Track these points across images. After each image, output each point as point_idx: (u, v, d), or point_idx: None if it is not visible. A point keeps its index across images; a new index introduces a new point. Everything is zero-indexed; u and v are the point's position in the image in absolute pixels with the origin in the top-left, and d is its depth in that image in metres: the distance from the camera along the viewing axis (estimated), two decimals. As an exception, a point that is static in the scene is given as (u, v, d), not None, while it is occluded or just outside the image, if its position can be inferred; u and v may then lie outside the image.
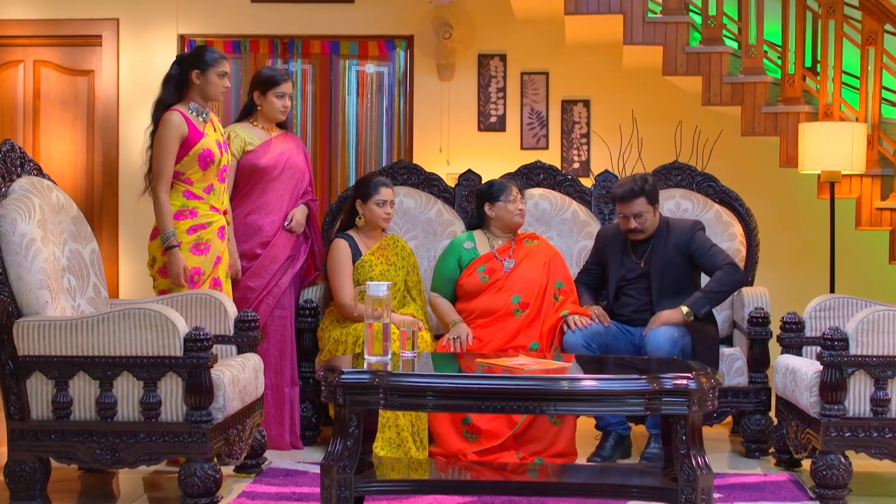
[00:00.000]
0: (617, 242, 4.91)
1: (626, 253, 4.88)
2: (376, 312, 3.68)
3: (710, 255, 4.75)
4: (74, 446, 3.71)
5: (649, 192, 4.75)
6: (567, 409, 3.44)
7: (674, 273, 4.78)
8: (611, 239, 4.95)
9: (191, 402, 3.68)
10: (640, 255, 4.85)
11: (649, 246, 4.81)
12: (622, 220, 4.81)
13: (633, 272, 4.85)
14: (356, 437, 3.45)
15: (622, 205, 4.77)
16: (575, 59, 6.95)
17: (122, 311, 3.71)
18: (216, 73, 4.47)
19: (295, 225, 4.90)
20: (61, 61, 7.18)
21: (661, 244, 4.80)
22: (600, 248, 4.99)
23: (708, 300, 4.68)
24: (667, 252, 4.78)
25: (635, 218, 4.75)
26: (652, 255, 4.80)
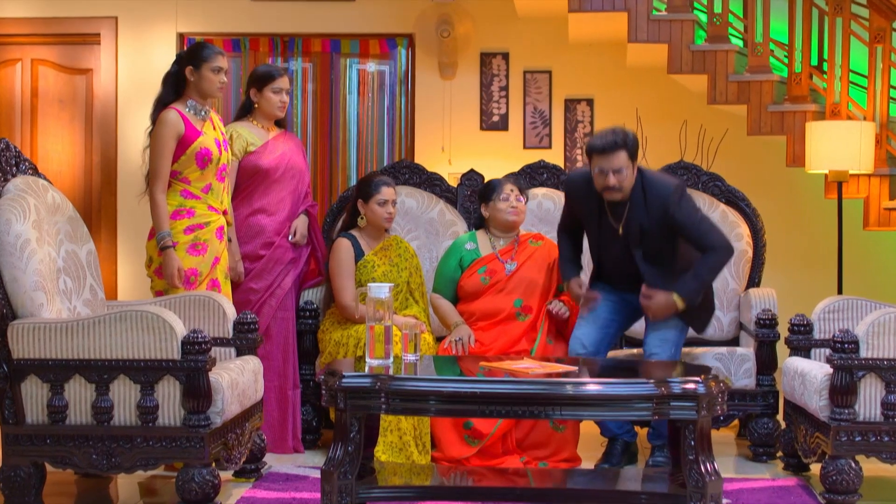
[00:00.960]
0: (591, 200, 4.43)
1: (603, 213, 4.42)
2: (378, 314, 3.62)
3: (701, 228, 4.34)
4: (70, 451, 3.65)
5: (631, 146, 4.30)
6: (572, 413, 3.39)
7: (656, 242, 4.37)
8: (584, 195, 4.46)
9: (189, 406, 3.62)
10: (617, 218, 4.39)
11: (626, 208, 4.36)
12: (598, 175, 4.30)
13: (612, 236, 4.42)
14: (357, 443, 3.39)
15: (601, 158, 4.27)
16: (578, 58, 6.89)
17: (119, 313, 3.65)
18: (210, 68, 4.41)
19: (299, 237, 4.88)
20: (59, 60, 7.13)
21: (639, 209, 4.34)
22: (572, 203, 4.57)
23: (702, 288, 4.38)
24: (645, 219, 4.34)
25: (614, 174, 4.26)
26: (629, 220, 4.36)
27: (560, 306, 4.64)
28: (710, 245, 4.32)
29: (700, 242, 4.34)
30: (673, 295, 4.30)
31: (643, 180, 4.36)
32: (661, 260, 4.38)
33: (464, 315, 4.74)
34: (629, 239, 4.37)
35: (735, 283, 5.12)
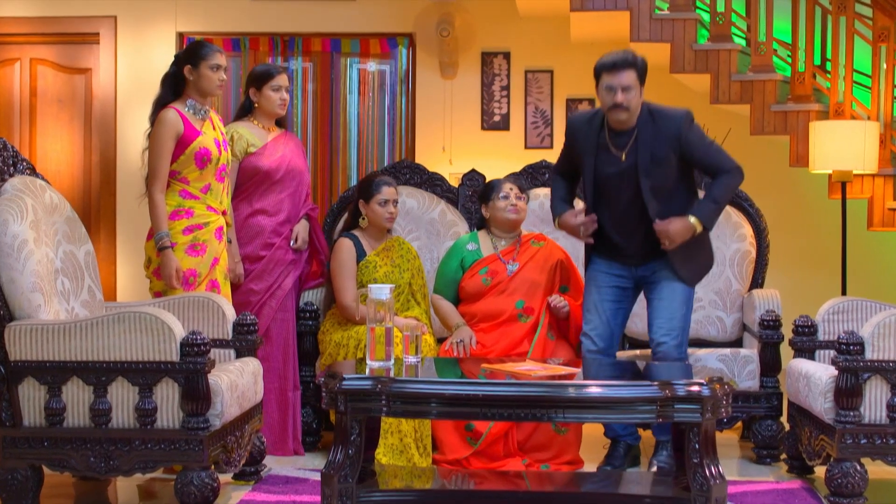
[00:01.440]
0: (591, 131, 4.24)
1: (602, 145, 4.21)
2: (379, 316, 3.59)
3: (712, 152, 4.21)
4: (68, 454, 3.60)
5: (641, 67, 4.15)
6: (575, 416, 3.34)
7: (664, 171, 4.17)
8: (585, 127, 4.27)
9: (187, 408, 3.58)
10: (620, 147, 4.18)
11: (632, 136, 4.16)
12: (606, 93, 4.11)
13: (613, 167, 4.19)
14: (358, 446, 3.35)
15: (610, 74, 4.10)
16: (580, 57, 6.82)
17: (117, 314, 3.61)
18: (208, 66, 4.37)
19: (300, 243, 4.84)
20: (58, 59, 7.11)
21: (647, 134, 4.15)
22: (571, 142, 4.36)
23: (718, 210, 4.20)
24: (654, 144, 4.14)
25: (623, 91, 4.07)
26: (637, 147, 4.15)
27: (560, 300, 4.59)
28: (723, 167, 4.20)
29: (712, 165, 4.22)
30: (690, 218, 4.14)
31: (650, 110, 4.21)
32: (667, 195, 4.19)
33: (465, 316, 4.70)
34: (637, 169, 4.15)
35: (738, 283, 5.08)
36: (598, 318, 4.36)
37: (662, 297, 4.30)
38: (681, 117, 4.19)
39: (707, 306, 5.03)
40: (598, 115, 4.28)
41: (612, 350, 4.41)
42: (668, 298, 4.29)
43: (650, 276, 4.34)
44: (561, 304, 4.60)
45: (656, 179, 4.17)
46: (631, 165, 4.17)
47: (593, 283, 4.40)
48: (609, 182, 4.24)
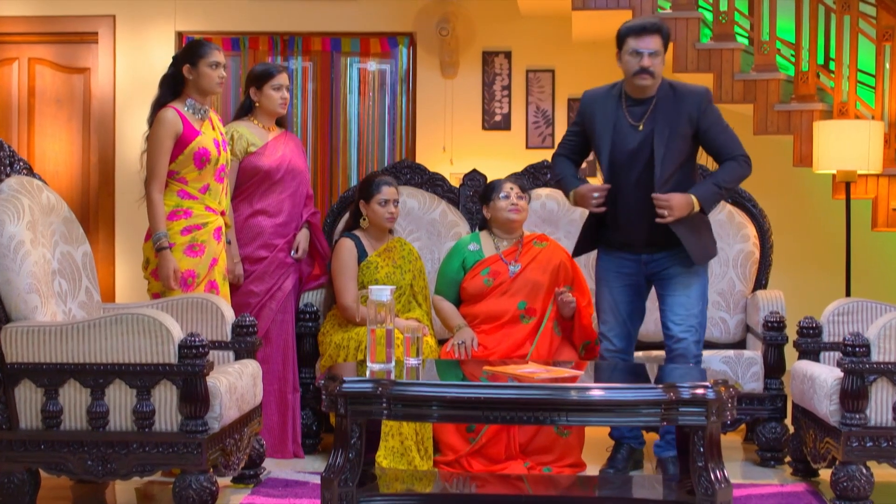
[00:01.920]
0: (609, 103, 4.16)
1: (620, 116, 4.12)
2: (379, 317, 3.55)
3: (727, 134, 4.13)
4: (65, 457, 3.57)
5: (666, 34, 4.08)
6: (578, 419, 3.30)
7: (679, 145, 4.08)
8: (602, 100, 4.18)
9: (186, 411, 3.54)
10: (636, 117, 4.10)
11: (650, 106, 4.09)
12: (632, 57, 4.05)
13: (631, 140, 4.08)
14: (358, 449, 3.31)
15: (637, 38, 4.04)
16: (582, 57, 6.83)
17: (114, 316, 3.57)
18: (207, 64, 4.33)
19: (301, 254, 4.82)
20: (57, 59, 7.08)
21: (666, 105, 4.07)
22: (586, 111, 4.24)
23: (720, 195, 4.16)
24: (672, 116, 4.05)
25: (649, 56, 4.01)
26: (654, 117, 4.06)
27: (568, 295, 4.54)
28: (734, 153, 4.13)
29: (724, 147, 4.13)
30: (691, 196, 4.06)
31: (670, 83, 4.15)
32: (674, 172, 4.09)
33: (466, 318, 4.65)
34: (655, 135, 4.04)
35: (742, 284, 5.04)
36: (613, 319, 4.29)
37: (677, 293, 4.22)
38: (702, 93, 4.14)
39: (710, 307, 4.95)
40: (616, 87, 4.21)
41: (631, 350, 4.38)
42: (684, 294, 4.21)
43: (661, 273, 4.25)
44: (569, 299, 4.55)
45: (670, 151, 4.06)
46: (648, 135, 4.07)
47: (605, 285, 4.32)
48: (624, 156, 4.12)
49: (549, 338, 4.53)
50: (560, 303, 4.55)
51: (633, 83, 4.09)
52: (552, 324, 4.55)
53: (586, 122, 4.25)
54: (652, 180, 4.07)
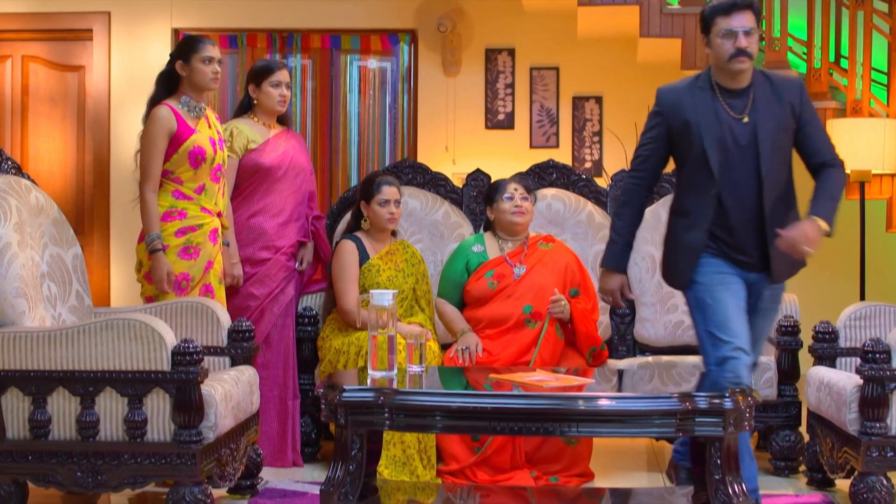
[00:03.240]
0: (703, 97, 3.59)
1: (720, 108, 3.57)
2: (381, 323, 3.42)
3: (823, 135, 3.66)
4: (53, 468, 3.45)
5: (757, 9, 3.59)
6: (589, 430, 3.16)
7: (784, 140, 3.58)
8: (691, 94, 3.60)
9: (179, 420, 3.42)
10: (737, 111, 3.58)
11: (748, 98, 3.58)
12: (725, 38, 3.51)
13: (742, 135, 3.55)
14: (359, 461, 3.18)
15: (727, 17, 3.53)
16: (587, 54, 6.72)
17: (105, 321, 3.44)
18: (200, 59, 4.20)
19: (305, 266, 4.71)
20: (50, 56, 6.96)
21: (765, 94, 3.58)
22: (670, 109, 3.63)
23: (836, 210, 3.61)
24: (775, 108, 3.56)
25: (745, 35, 3.51)
26: (756, 109, 3.56)
27: (559, 307, 4.39)
28: (831, 156, 3.67)
29: (821, 150, 3.66)
30: (815, 219, 3.53)
31: (762, 71, 3.69)
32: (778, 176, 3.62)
33: (470, 322, 4.52)
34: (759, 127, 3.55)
35: (753, 287, 4.89)
36: (741, 327, 3.58)
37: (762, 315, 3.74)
38: (799, 83, 3.70)
39: (721, 311, 4.84)
40: (702, 78, 3.67)
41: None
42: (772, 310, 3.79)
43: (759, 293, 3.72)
44: (558, 309, 4.40)
45: (776, 146, 3.58)
46: (754, 130, 3.56)
47: (726, 289, 3.61)
48: (736, 153, 3.58)
49: (553, 343, 4.39)
50: (551, 309, 4.40)
51: (728, 69, 3.56)
52: (554, 328, 4.41)
53: (674, 121, 3.63)
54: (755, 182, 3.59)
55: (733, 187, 3.59)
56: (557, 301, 4.40)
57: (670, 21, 5.73)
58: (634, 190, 3.78)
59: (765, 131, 3.56)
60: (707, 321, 3.59)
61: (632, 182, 3.77)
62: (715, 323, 3.56)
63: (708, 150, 3.57)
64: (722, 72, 3.61)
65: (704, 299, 3.61)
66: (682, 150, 3.65)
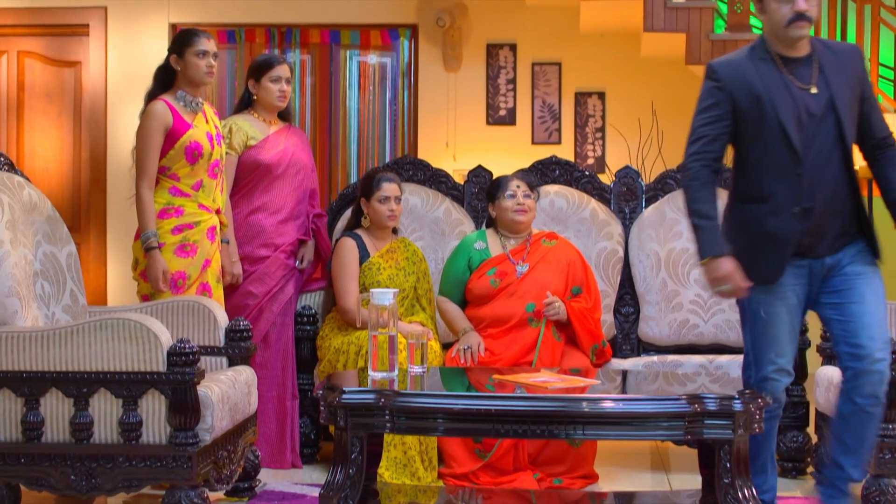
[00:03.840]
0: (764, 67, 3.26)
1: (785, 79, 3.25)
2: (381, 322, 3.34)
3: (879, 110, 3.36)
4: (46, 471, 3.36)
5: None
6: (595, 433, 3.07)
7: (855, 110, 3.28)
8: (752, 65, 3.28)
9: (175, 422, 3.34)
10: (805, 80, 3.27)
11: (812, 65, 3.28)
12: (781, 3, 3.22)
13: (814, 105, 3.23)
14: (359, 464, 3.10)
15: None
16: (589, 49, 6.66)
17: (99, 321, 3.36)
18: (194, 53, 4.13)
19: (306, 264, 4.64)
20: (46, 52, 6.90)
21: (829, 61, 3.29)
22: (730, 83, 3.28)
23: None
24: (841, 75, 3.27)
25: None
26: (825, 77, 3.25)
27: (553, 309, 4.31)
28: (887, 134, 3.36)
29: (879, 124, 3.35)
30: None
31: (818, 39, 3.41)
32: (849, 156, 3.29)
33: (472, 320, 4.44)
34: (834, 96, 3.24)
35: (760, 285, 4.81)
36: (788, 345, 3.34)
37: (866, 299, 3.30)
38: (858, 50, 3.40)
39: (727, 310, 4.77)
40: (758, 47, 3.34)
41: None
42: (873, 301, 3.30)
43: (840, 274, 3.35)
44: (552, 313, 4.33)
45: (852, 121, 3.28)
46: (828, 98, 3.25)
47: (783, 304, 3.32)
48: (810, 127, 3.26)
49: (551, 345, 4.31)
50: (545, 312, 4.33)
51: (786, 36, 3.25)
52: (550, 330, 4.33)
53: (740, 96, 3.28)
54: (837, 156, 3.26)
55: (815, 163, 3.25)
56: (551, 304, 4.32)
57: (674, 15, 5.65)
58: (705, 172, 3.33)
59: (841, 101, 3.25)
60: (755, 335, 3.36)
61: (700, 165, 3.32)
62: (764, 339, 3.33)
63: (786, 125, 3.22)
64: (779, 40, 3.28)
65: (757, 311, 3.33)
66: (752, 127, 3.28)
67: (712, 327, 4.74)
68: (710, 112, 3.31)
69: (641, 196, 5.00)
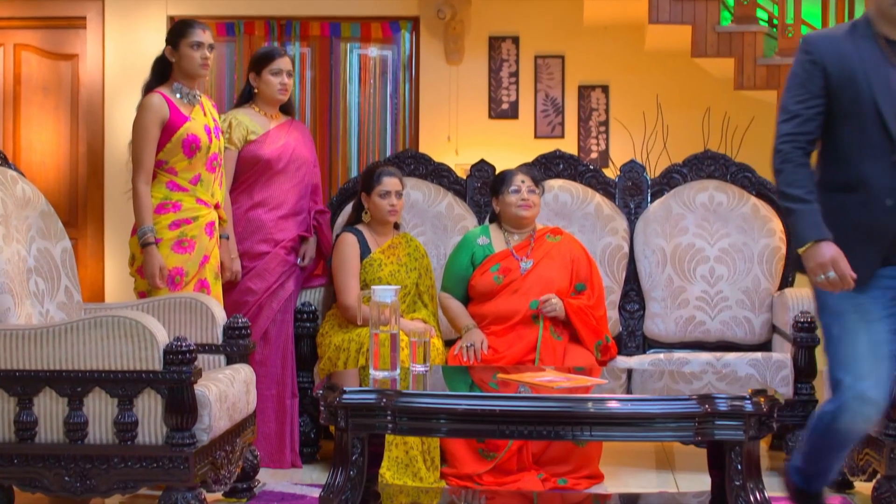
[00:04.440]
0: (860, 44, 3.02)
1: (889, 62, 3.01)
2: (383, 320, 3.26)
3: None
4: (40, 472, 3.29)
5: None
6: (603, 434, 3.00)
7: None
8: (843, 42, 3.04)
9: (172, 422, 3.26)
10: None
11: None
12: None
13: None
14: (360, 466, 3.02)
15: None
16: (593, 42, 6.60)
17: (93, 319, 3.28)
18: (188, 44, 4.06)
19: (308, 261, 4.56)
20: (43, 45, 6.82)
21: None
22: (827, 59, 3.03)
23: None
24: None
25: None
26: None
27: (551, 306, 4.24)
28: None
29: None
30: None
31: None
32: None
33: (475, 317, 4.36)
34: None
35: (767, 281, 4.74)
36: (874, 366, 2.94)
37: None
38: None
39: (734, 306, 4.70)
40: (860, 25, 3.09)
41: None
42: None
43: None
44: (549, 310, 4.25)
45: None
46: None
47: (860, 319, 2.98)
48: None
49: (551, 344, 4.23)
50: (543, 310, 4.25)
51: (893, 15, 3.01)
52: (548, 330, 4.25)
53: (835, 72, 3.03)
54: None
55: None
56: (547, 300, 4.25)
57: (680, 7, 5.58)
58: (799, 154, 3.03)
59: None
60: (831, 355, 3.04)
61: (792, 147, 3.03)
62: (839, 360, 2.99)
63: (882, 108, 2.99)
64: (885, 20, 3.03)
65: (830, 328, 3.03)
66: (844, 106, 3.04)
67: (719, 324, 4.68)
68: (804, 89, 3.05)
69: (647, 191, 4.92)
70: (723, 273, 4.73)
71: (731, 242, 4.77)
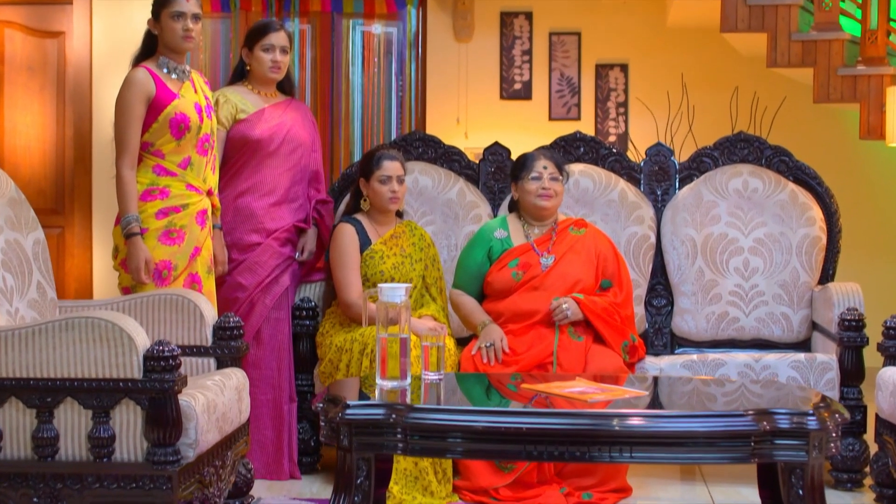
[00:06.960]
0: None
1: None
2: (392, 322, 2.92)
3: None
4: (5, 493, 3.00)
5: None
6: (645, 455, 2.63)
7: None
8: None
9: (153, 437, 2.96)
10: None
11: None
12: None
13: None
14: (365, 490, 2.69)
15: None
16: (611, 17, 6.46)
17: (65, 320, 2.96)
18: (170, 14, 3.78)
19: (307, 255, 4.26)
20: (28, 22, 6.56)
21: None
22: None
23: None
24: None
25: None
26: None
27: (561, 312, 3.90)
28: None
29: None
30: None
31: None
32: None
33: (490, 315, 4.02)
34: None
35: (807, 275, 4.40)
36: None
37: None
38: None
39: (770, 301, 4.38)
40: None
41: None
42: None
43: None
44: (560, 317, 3.93)
45: None
46: None
47: None
48: None
49: (572, 348, 3.90)
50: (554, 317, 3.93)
51: None
52: (566, 333, 3.91)
53: None
54: None
55: None
56: (557, 306, 3.91)
57: (708, -22, 5.33)
58: None
59: None
60: None
61: None
62: None
63: None
64: None
65: None
66: None
67: (754, 321, 4.38)
68: None
69: (675, 176, 4.60)
70: (758, 265, 4.42)
71: (766, 232, 4.46)
